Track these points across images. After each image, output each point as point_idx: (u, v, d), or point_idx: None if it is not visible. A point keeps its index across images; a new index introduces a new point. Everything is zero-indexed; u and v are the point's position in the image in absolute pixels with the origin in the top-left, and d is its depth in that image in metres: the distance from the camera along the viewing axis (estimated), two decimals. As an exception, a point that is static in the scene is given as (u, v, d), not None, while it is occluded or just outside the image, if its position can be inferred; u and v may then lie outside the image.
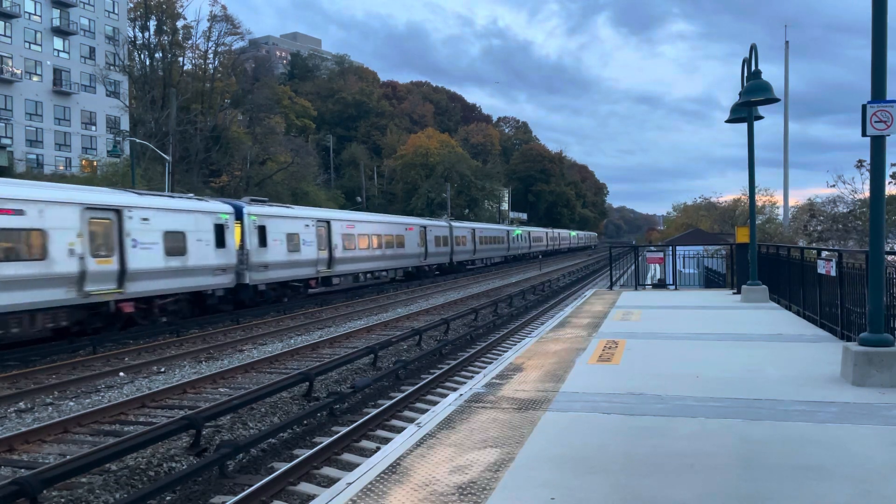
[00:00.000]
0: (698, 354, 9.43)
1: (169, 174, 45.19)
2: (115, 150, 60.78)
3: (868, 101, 7.12)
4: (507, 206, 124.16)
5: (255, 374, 14.45)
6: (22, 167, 56.70)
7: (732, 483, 4.63)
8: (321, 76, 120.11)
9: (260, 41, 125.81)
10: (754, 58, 13.84)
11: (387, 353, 16.08)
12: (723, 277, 24.46)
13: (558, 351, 9.87)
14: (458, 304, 28.52)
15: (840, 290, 9.98)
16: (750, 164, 15.94)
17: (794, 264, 13.64)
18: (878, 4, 6.97)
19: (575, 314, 14.44)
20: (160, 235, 20.33)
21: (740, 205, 55.59)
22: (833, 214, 35.90)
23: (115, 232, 18.84)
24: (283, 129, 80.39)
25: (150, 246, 19.90)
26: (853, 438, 5.52)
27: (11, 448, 9.34)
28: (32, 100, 64.50)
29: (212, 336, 19.70)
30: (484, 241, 60.53)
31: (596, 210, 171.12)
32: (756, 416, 6.19)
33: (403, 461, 5.28)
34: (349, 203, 78.81)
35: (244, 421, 10.64)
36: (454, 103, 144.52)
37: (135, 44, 69.06)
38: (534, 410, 6.61)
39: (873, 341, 7.26)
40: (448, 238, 49.99)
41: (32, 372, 14.43)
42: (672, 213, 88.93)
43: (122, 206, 19.20)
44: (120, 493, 7.80)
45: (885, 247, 7.39)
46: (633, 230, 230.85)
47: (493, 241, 64.44)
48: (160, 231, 20.35)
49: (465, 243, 54.47)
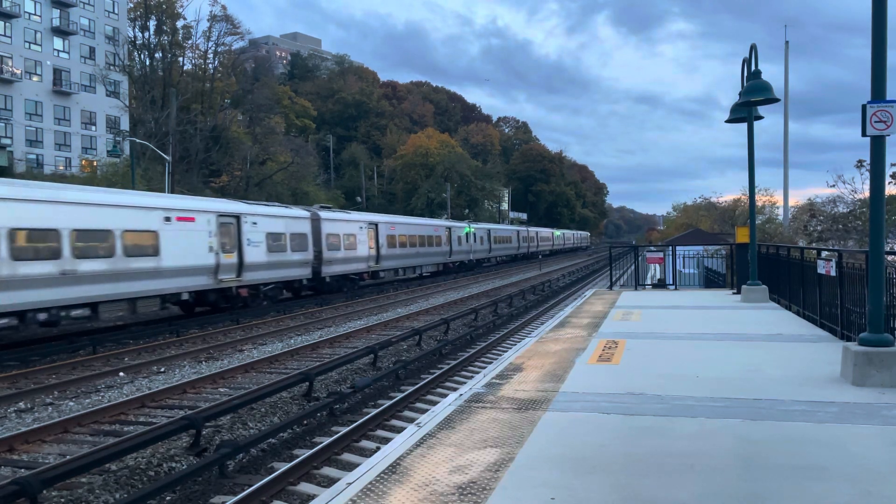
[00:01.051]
0: (698, 354, 9.43)
1: (169, 174, 45.17)
2: (115, 150, 60.83)
3: (868, 101, 7.12)
4: (507, 206, 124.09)
5: (255, 374, 14.45)
6: (22, 167, 56.68)
7: (732, 483, 4.63)
8: (321, 76, 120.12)
9: (260, 41, 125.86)
10: (754, 58, 13.84)
11: (387, 353, 16.08)
12: (723, 277, 24.45)
13: (558, 351, 9.87)
14: (457, 304, 28.51)
15: (840, 290, 9.98)
16: (750, 164, 15.94)
17: (794, 264, 13.64)
18: (878, 4, 6.97)
19: (575, 314, 14.44)
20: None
21: (740, 205, 55.56)
22: (833, 214, 35.89)
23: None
24: (283, 129, 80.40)
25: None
26: (853, 438, 5.52)
27: (11, 448, 9.34)
28: (32, 100, 64.48)
29: (212, 336, 19.70)
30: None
31: (596, 210, 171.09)
32: (756, 416, 6.19)
33: (403, 461, 5.28)
34: (349, 203, 78.76)
35: (244, 421, 10.64)
36: (454, 103, 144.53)
37: (135, 44, 69.03)
38: (534, 410, 6.61)
39: (873, 341, 7.26)
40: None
41: (32, 372, 14.42)
42: (672, 213, 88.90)
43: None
44: (120, 493, 7.80)
45: (885, 247, 7.39)
46: (633, 230, 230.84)
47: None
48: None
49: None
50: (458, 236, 52.33)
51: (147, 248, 19.64)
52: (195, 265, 21.57)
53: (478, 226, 60.61)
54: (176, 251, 20.61)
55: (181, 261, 20.88)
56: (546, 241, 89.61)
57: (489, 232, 62.64)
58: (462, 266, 54.15)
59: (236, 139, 68.25)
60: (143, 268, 19.44)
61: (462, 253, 53.45)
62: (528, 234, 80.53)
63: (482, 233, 60.11)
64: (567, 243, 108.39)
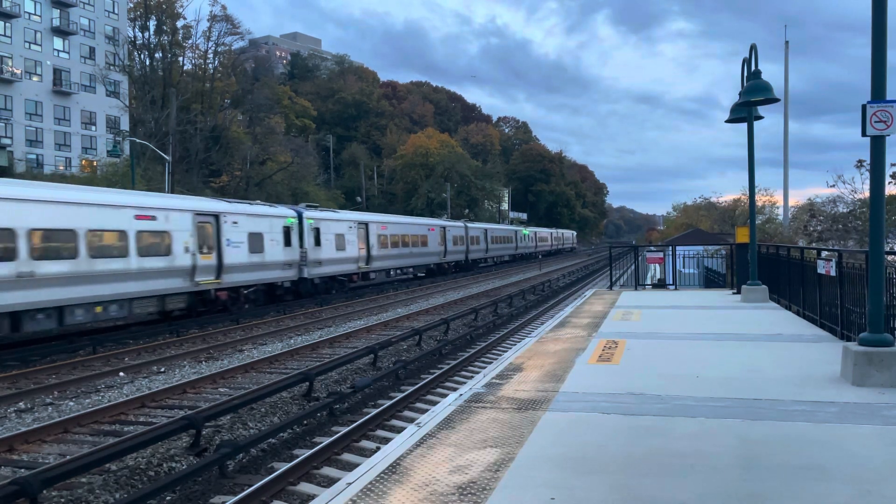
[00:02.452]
0: (698, 354, 9.43)
1: (169, 174, 45.17)
2: (115, 150, 60.79)
3: (868, 101, 7.12)
4: (508, 206, 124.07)
5: (255, 374, 14.45)
6: (22, 167, 56.66)
7: (732, 483, 4.63)
8: (321, 76, 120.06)
9: (260, 41, 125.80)
10: (754, 58, 13.84)
11: (387, 353, 16.08)
12: (723, 277, 24.45)
13: (558, 351, 9.87)
14: (457, 304, 28.51)
15: (840, 290, 9.98)
16: (750, 164, 15.94)
17: (794, 264, 13.64)
18: (878, 4, 6.97)
19: (575, 314, 14.44)
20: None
21: (740, 205, 55.60)
22: (833, 214, 35.88)
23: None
24: (282, 129, 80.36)
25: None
26: (853, 438, 5.52)
27: (11, 448, 9.34)
28: (32, 100, 64.47)
29: (212, 336, 19.70)
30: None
31: (596, 210, 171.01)
32: (756, 416, 6.19)
33: (403, 461, 5.28)
34: (349, 203, 78.76)
35: (244, 421, 10.64)
36: (454, 103, 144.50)
37: (135, 44, 69.05)
38: (534, 410, 6.61)
39: (873, 341, 7.25)
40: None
41: (32, 372, 14.43)
42: (672, 213, 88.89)
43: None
44: (120, 493, 7.80)
45: (885, 247, 7.39)
46: (632, 230, 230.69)
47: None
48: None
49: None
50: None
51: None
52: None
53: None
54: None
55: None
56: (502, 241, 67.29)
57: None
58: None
59: (236, 139, 68.27)
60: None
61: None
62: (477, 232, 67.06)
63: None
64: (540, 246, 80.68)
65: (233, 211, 24.13)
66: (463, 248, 53.48)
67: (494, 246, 63.91)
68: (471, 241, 55.74)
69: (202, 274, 22.00)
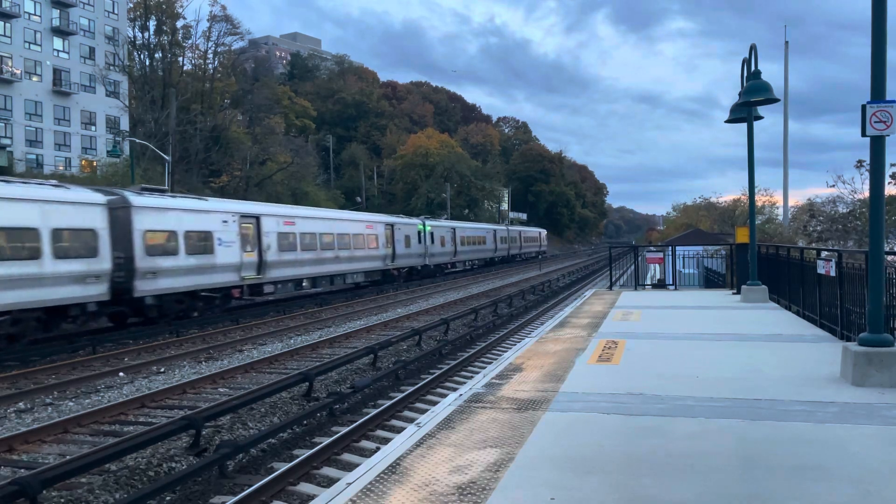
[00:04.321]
0: (698, 354, 9.43)
1: (169, 174, 45.16)
2: (115, 150, 60.73)
3: (868, 101, 7.12)
4: (507, 206, 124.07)
5: (255, 374, 14.45)
6: (22, 167, 56.66)
7: (732, 483, 4.63)
8: (321, 76, 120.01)
9: (259, 41, 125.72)
10: (754, 58, 13.85)
11: (386, 354, 16.08)
12: (722, 277, 24.44)
13: (558, 351, 9.87)
14: (457, 304, 28.52)
15: (840, 291, 9.98)
16: (750, 164, 15.94)
17: (794, 264, 13.64)
18: (878, 3, 6.97)
19: (575, 314, 14.44)
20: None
21: (740, 205, 55.56)
22: (833, 215, 35.86)
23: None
24: (282, 129, 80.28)
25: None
26: (853, 438, 5.52)
27: (11, 448, 9.34)
28: (32, 100, 64.44)
29: (211, 336, 19.70)
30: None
31: (596, 210, 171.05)
32: (756, 416, 6.19)
33: (403, 461, 5.28)
34: (349, 203, 78.78)
35: (244, 421, 10.64)
36: (454, 103, 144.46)
37: (134, 44, 69.00)
38: (533, 410, 6.61)
39: (873, 341, 7.26)
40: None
41: (32, 372, 14.43)
42: (672, 214, 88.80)
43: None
44: (120, 493, 7.80)
45: (885, 247, 7.39)
46: (632, 230, 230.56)
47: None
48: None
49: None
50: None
51: None
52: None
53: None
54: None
55: None
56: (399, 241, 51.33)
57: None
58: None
59: (236, 139, 68.23)
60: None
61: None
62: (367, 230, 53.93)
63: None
64: (480, 253, 60.63)
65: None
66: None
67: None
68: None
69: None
